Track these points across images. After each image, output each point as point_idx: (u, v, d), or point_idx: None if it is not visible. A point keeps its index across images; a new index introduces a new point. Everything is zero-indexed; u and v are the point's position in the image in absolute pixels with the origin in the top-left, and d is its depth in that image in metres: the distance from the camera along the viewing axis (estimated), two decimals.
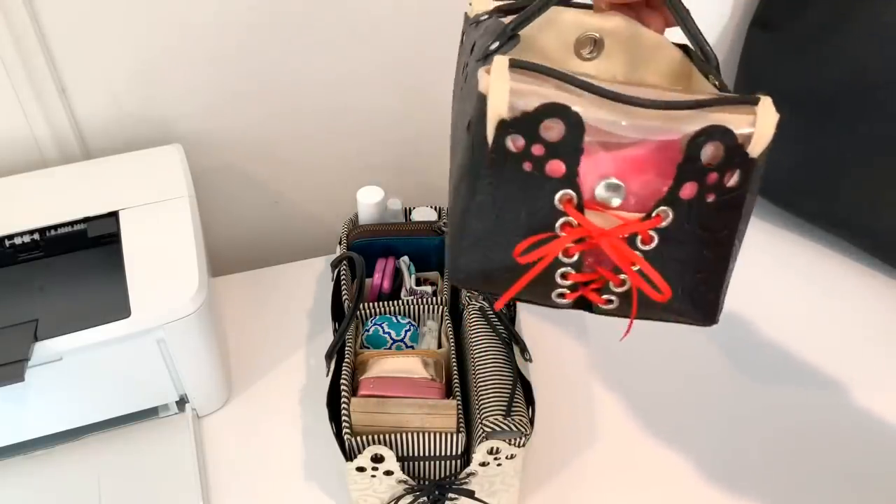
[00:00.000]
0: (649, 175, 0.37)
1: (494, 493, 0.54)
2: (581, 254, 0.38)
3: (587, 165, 0.36)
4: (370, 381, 0.53)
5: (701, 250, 0.38)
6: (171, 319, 0.56)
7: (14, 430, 0.58)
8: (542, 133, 0.36)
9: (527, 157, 0.36)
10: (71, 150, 0.72)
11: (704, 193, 0.36)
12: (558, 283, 0.39)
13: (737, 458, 0.62)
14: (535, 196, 0.37)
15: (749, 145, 0.35)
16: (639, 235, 0.37)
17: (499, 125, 0.35)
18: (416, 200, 0.77)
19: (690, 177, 0.36)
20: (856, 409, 0.65)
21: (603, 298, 0.39)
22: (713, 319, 0.40)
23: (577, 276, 0.39)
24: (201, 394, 0.63)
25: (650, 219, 0.37)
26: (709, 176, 0.36)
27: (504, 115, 0.35)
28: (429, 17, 0.75)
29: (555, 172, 0.36)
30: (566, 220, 0.37)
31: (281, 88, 0.76)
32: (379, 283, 0.64)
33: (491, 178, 0.37)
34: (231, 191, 0.82)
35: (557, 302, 0.40)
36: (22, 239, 0.62)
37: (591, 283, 0.39)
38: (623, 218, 0.37)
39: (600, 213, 0.37)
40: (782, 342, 0.71)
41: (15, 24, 0.63)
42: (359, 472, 0.51)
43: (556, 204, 0.37)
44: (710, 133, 0.35)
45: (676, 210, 0.37)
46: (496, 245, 0.38)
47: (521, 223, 0.38)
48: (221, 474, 0.61)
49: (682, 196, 0.36)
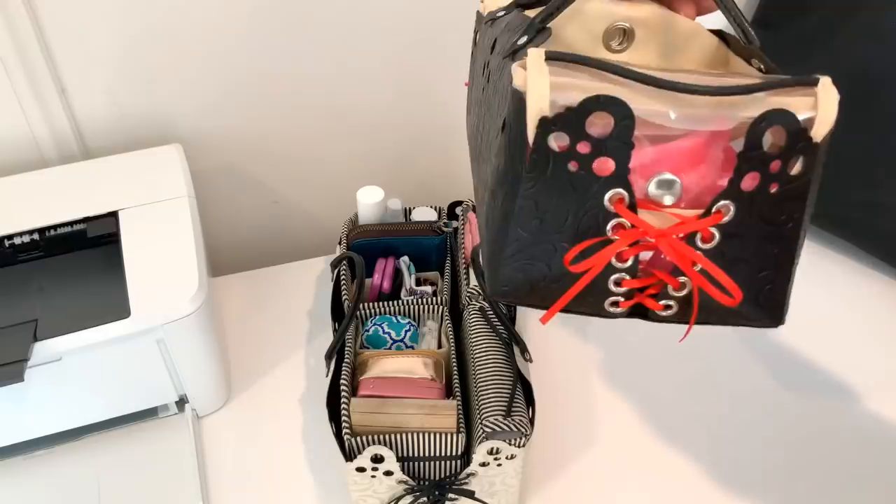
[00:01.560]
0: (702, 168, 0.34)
1: (494, 493, 0.54)
2: (636, 257, 0.35)
3: (637, 161, 0.34)
4: (370, 382, 0.53)
5: (765, 246, 0.35)
6: (171, 319, 0.56)
7: (14, 430, 0.58)
8: (588, 129, 0.33)
9: (572, 157, 0.33)
10: (70, 150, 0.72)
11: (768, 184, 0.33)
12: (612, 291, 0.36)
13: (737, 459, 0.62)
14: (582, 198, 0.34)
15: (812, 129, 0.32)
16: (698, 234, 0.34)
17: (540, 123, 0.33)
18: (416, 200, 0.76)
19: (752, 166, 0.33)
20: (856, 409, 0.65)
21: (661, 304, 0.37)
22: (780, 320, 0.37)
23: (632, 281, 0.36)
24: (201, 394, 0.63)
25: (710, 215, 0.34)
26: (771, 164, 0.33)
27: (546, 111, 0.32)
28: (430, 16, 0.75)
29: (603, 171, 0.34)
30: (618, 222, 0.34)
31: (281, 88, 0.76)
32: (379, 283, 0.64)
33: (533, 181, 0.34)
34: (231, 191, 0.82)
35: (611, 311, 0.37)
36: (21, 239, 0.62)
37: (647, 288, 0.36)
38: (680, 216, 0.34)
39: (654, 211, 0.34)
40: (782, 342, 0.71)
41: (15, 25, 0.63)
42: (359, 473, 0.51)
43: (606, 205, 0.34)
44: (771, 118, 0.32)
45: (738, 204, 0.34)
46: (542, 253, 0.35)
47: (569, 228, 0.35)
48: (221, 474, 0.61)
49: (743, 188, 0.33)
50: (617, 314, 0.37)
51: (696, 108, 0.33)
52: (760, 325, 0.37)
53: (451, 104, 0.82)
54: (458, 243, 0.66)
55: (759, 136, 0.32)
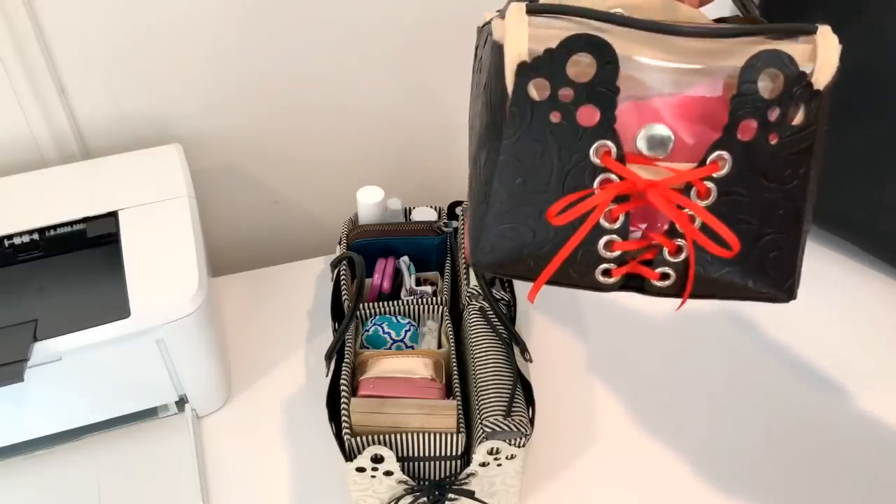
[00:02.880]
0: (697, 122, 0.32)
1: (494, 493, 0.54)
2: (626, 216, 0.32)
3: (625, 112, 0.31)
4: (370, 382, 0.53)
5: (769, 206, 0.32)
6: (171, 319, 0.56)
7: (14, 430, 0.58)
8: (570, 73, 0.31)
9: (554, 105, 0.31)
10: (70, 150, 0.72)
11: (766, 134, 0.31)
12: (602, 257, 0.33)
13: (737, 458, 0.62)
14: (567, 151, 0.32)
15: (812, 76, 0.31)
16: (694, 188, 0.32)
17: (518, 69, 0.31)
18: (416, 200, 0.77)
19: (747, 112, 0.31)
20: (856, 409, 0.65)
21: (657, 272, 0.34)
22: (791, 293, 0.34)
23: (624, 244, 0.33)
24: (201, 394, 0.63)
25: (704, 166, 0.31)
26: (769, 112, 0.31)
27: (524, 56, 0.31)
28: (430, 16, 0.75)
29: (588, 120, 0.31)
30: (605, 176, 0.32)
31: (281, 88, 0.76)
32: (379, 283, 0.64)
33: (514, 135, 0.32)
34: (231, 191, 0.82)
35: (602, 282, 0.34)
36: (21, 239, 0.62)
37: (640, 252, 0.33)
38: (672, 169, 0.32)
39: (645, 166, 0.32)
40: (782, 342, 0.71)
41: (15, 25, 0.63)
42: (359, 473, 0.51)
43: (592, 158, 0.32)
44: (766, 58, 0.30)
45: (735, 155, 0.31)
46: (526, 216, 0.33)
47: (554, 185, 0.32)
48: (221, 474, 0.61)
49: (739, 137, 0.31)
50: (609, 285, 0.34)
51: (686, 56, 0.31)
52: (768, 297, 0.34)
53: (452, 104, 0.82)
54: (458, 243, 0.66)
55: (754, 78, 0.30)
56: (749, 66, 0.30)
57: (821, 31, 0.31)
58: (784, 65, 0.30)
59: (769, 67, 0.30)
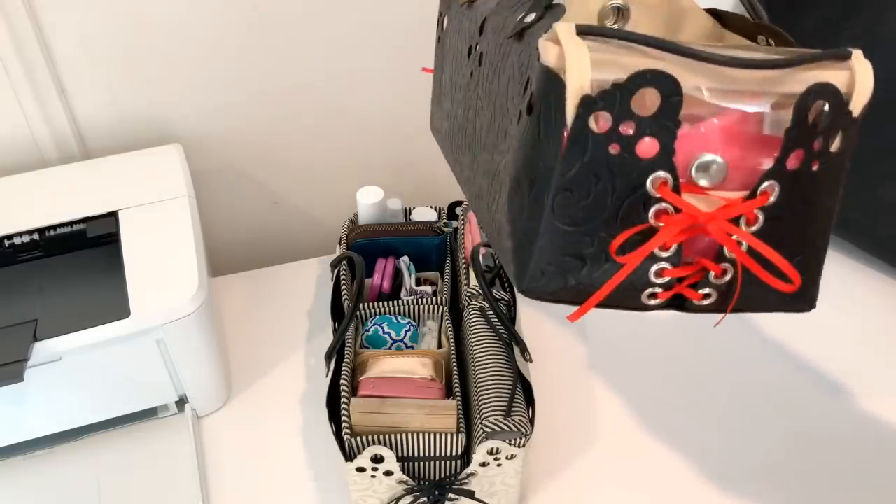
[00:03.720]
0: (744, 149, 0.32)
1: (494, 493, 0.54)
2: (679, 245, 0.33)
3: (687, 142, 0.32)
4: (370, 382, 0.53)
5: (802, 227, 0.33)
6: (171, 319, 0.56)
7: (14, 430, 0.58)
8: (634, 106, 0.30)
9: (614, 138, 0.31)
10: (70, 151, 0.72)
11: (810, 162, 0.32)
12: (651, 282, 0.34)
13: (737, 458, 0.62)
14: (623, 182, 0.32)
15: (850, 103, 0.31)
16: (743, 217, 0.32)
17: (582, 102, 0.30)
18: (416, 200, 0.77)
19: (798, 144, 0.31)
20: (856, 409, 0.65)
21: (700, 294, 0.34)
22: (813, 304, 0.36)
23: (674, 270, 0.33)
24: (201, 394, 0.63)
25: (756, 196, 0.32)
26: (815, 142, 0.31)
27: (587, 90, 0.30)
28: (429, 17, 0.75)
29: (647, 152, 0.31)
30: (661, 208, 0.32)
31: (280, 88, 0.76)
32: (379, 283, 0.64)
33: (570, 167, 0.31)
34: (231, 191, 0.82)
35: (647, 304, 0.35)
36: (21, 239, 0.62)
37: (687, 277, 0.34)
38: (725, 199, 0.32)
39: (698, 195, 0.32)
40: (782, 342, 0.71)
41: (15, 25, 0.63)
42: (359, 473, 0.51)
43: (649, 189, 0.32)
44: (818, 91, 0.30)
45: (783, 184, 0.32)
46: (578, 245, 0.33)
47: (608, 216, 0.32)
48: (221, 474, 0.61)
49: (788, 167, 0.32)
50: (653, 307, 0.35)
51: (736, 84, 0.31)
52: (795, 309, 0.36)
53: None
54: (458, 243, 0.66)
55: (806, 112, 0.31)
56: (804, 98, 0.31)
57: (855, 56, 0.32)
58: (833, 96, 0.31)
59: (820, 99, 0.31)
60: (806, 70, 0.31)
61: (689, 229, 0.32)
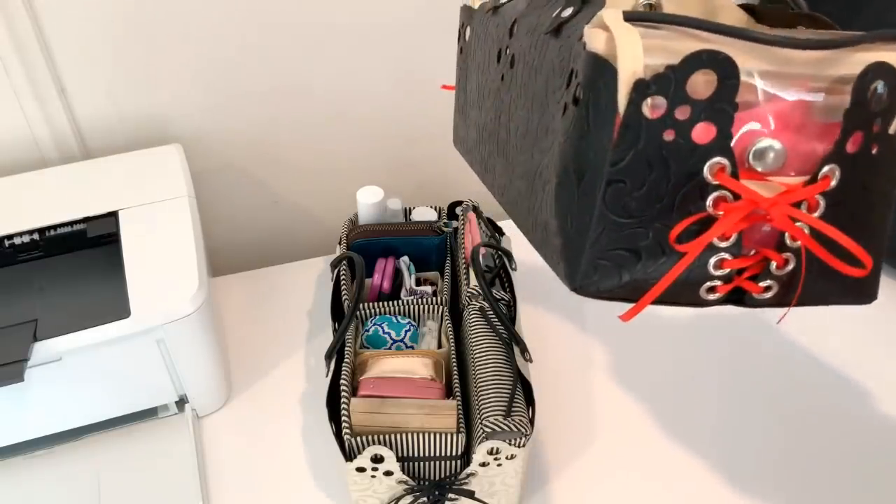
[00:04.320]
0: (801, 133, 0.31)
1: (494, 493, 0.54)
2: (739, 234, 0.32)
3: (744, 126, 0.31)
4: (370, 382, 0.53)
5: (865, 213, 0.32)
6: (171, 319, 0.56)
7: (14, 430, 0.58)
8: (689, 90, 0.30)
9: (668, 124, 0.30)
10: (70, 150, 0.72)
11: (869, 145, 0.31)
12: (711, 275, 0.32)
13: (737, 458, 0.62)
14: (680, 170, 0.31)
15: None
16: (804, 203, 0.31)
17: (635, 87, 0.29)
18: (416, 200, 0.77)
19: (858, 125, 0.30)
20: (855, 408, 0.65)
21: (761, 286, 0.33)
22: (874, 295, 0.34)
23: (734, 261, 0.32)
24: (201, 394, 0.63)
25: (818, 181, 0.31)
26: (874, 124, 0.31)
27: (640, 74, 0.29)
28: (429, 16, 0.75)
29: (703, 138, 0.30)
30: (720, 195, 0.31)
31: (280, 88, 0.76)
32: (379, 283, 0.64)
33: (625, 157, 0.30)
34: (231, 191, 0.82)
35: (706, 299, 0.33)
36: (22, 239, 0.62)
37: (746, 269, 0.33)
38: (785, 184, 0.31)
39: (758, 181, 0.31)
40: (782, 342, 0.71)
41: (15, 25, 0.63)
42: (359, 473, 0.51)
43: (706, 176, 0.31)
44: (876, 71, 0.30)
45: (843, 168, 0.31)
46: (633, 238, 0.32)
47: (665, 206, 0.31)
48: (221, 474, 0.61)
49: (848, 150, 0.31)
50: (712, 302, 0.33)
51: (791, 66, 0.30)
52: (854, 301, 0.34)
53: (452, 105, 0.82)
54: (458, 243, 0.66)
55: (866, 92, 0.30)
56: (862, 79, 0.30)
57: None
58: (890, 76, 0.30)
59: (878, 79, 0.30)
60: (858, 51, 0.30)
61: (751, 216, 0.31)
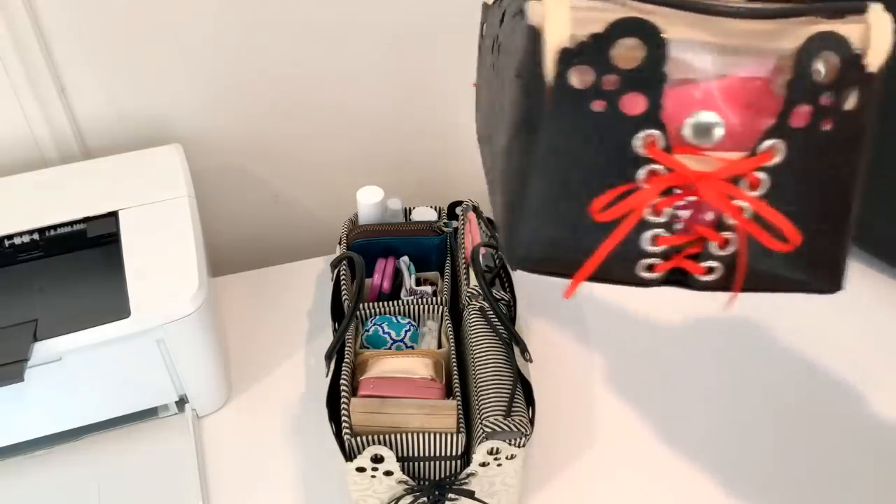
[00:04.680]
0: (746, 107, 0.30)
1: (494, 493, 0.54)
2: (672, 209, 0.31)
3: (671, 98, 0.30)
4: (370, 382, 0.53)
5: (819, 196, 0.31)
6: (171, 319, 0.56)
7: (14, 430, 0.58)
8: (615, 59, 0.29)
9: (597, 94, 0.30)
10: (70, 150, 0.72)
11: (820, 120, 0.30)
12: (646, 251, 0.32)
13: (737, 458, 0.62)
14: (610, 141, 0.30)
15: (865, 58, 0.29)
16: (744, 178, 0.30)
17: (560, 55, 0.29)
18: (416, 200, 0.76)
19: (802, 97, 0.29)
20: (855, 409, 0.65)
21: (702, 267, 0.32)
22: (838, 284, 0.33)
23: (670, 238, 0.32)
24: (201, 394, 0.63)
25: (757, 155, 0.30)
26: (822, 97, 0.30)
27: (566, 42, 0.29)
28: (430, 15, 0.75)
29: (633, 108, 0.30)
30: (651, 168, 0.30)
31: (281, 88, 0.76)
32: (379, 283, 0.64)
33: (553, 127, 0.30)
34: (231, 191, 0.82)
35: (645, 277, 0.32)
36: (22, 239, 0.62)
37: (686, 247, 0.32)
38: (723, 159, 0.30)
39: (693, 155, 0.30)
40: (783, 343, 0.71)
41: (15, 25, 0.63)
42: (359, 473, 0.51)
43: (637, 148, 0.30)
44: (821, 40, 0.29)
45: (789, 143, 0.30)
46: (566, 211, 0.31)
47: (596, 177, 0.30)
48: (221, 474, 0.61)
49: (793, 124, 0.30)
50: (652, 281, 0.33)
51: (733, 37, 0.29)
52: (816, 289, 0.33)
53: (452, 104, 0.82)
54: (458, 243, 0.66)
55: (808, 62, 0.29)
56: (805, 49, 0.29)
57: (872, 8, 0.29)
58: (840, 47, 0.29)
59: (824, 50, 0.29)
60: (813, 24, 0.29)
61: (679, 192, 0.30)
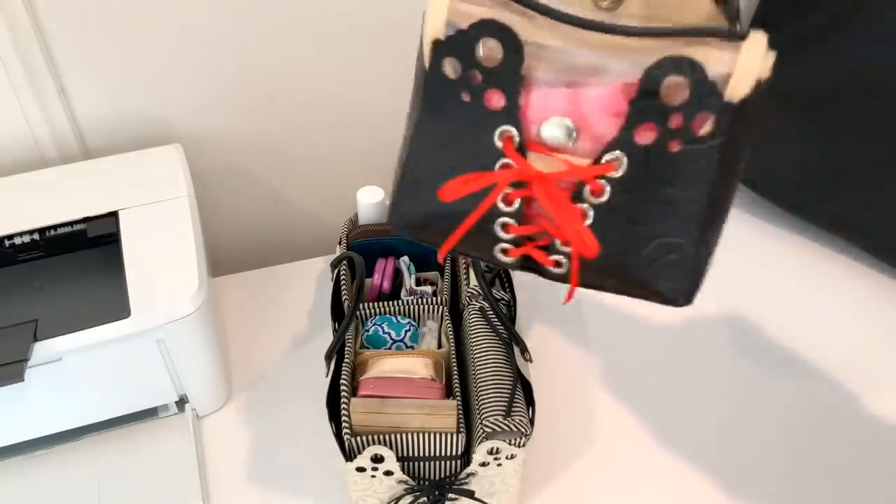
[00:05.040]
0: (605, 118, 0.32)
1: (494, 493, 0.54)
2: (522, 202, 0.33)
3: (537, 100, 0.32)
4: (370, 382, 0.53)
5: (666, 212, 0.32)
6: (171, 319, 0.56)
7: (14, 430, 0.58)
8: (480, 56, 0.31)
9: (465, 86, 0.32)
10: (70, 150, 0.72)
11: (666, 140, 0.31)
12: (499, 236, 0.34)
13: (737, 459, 0.62)
14: (475, 131, 0.33)
15: (727, 87, 0.29)
16: (587, 185, 0.32)
17: (434, 46, 0.32)
18: None
19: (646, 116, 0.31)
20: (856, 409, 0.65)
21: (550, 259, 0.34)
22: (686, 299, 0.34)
23: (518, 228, 0.34)
24: (201, 394, 0.63)
25: (599, 164, 0.32)
26: (671, 118, 0.30)
27: (439, 34, 0.31)
28: None
29: (495, 104, 0.32)
30: (505, 161, 0.32)
31: (281, 88, 0.76)
32: (379, 283, 0.64)
33: (429, 111, 0.33)
34: (231, 191, 0.82)
35: (501, 259, 0.35)
36: (22, 239, 0.62)
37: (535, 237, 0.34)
38: (568, 162, 0.32)
39: (543, 155, 0.32)
40: (783, 343, 0.71)
41: (15, 25, 0.63)
42: (359, 473, 0.51)
43: (495, 142, 0.32)
44: (670, 64, 0.29)
45: (632, 157, 0.31)
46: (435, 188, 0.34)
47: (461, 163, 0.33)
48: (221, 474, 0.61)
49: (637, 141, 0.31)
50: (507, 263, 0.35)
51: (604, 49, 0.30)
52: (662, 300, 0.34)
53: None
54: None
55: (656, 83, 0.30)
56: (651, 71, 0.30)
57: (751, 39, 0.29)
58: (689, 72, 0.29)
59: (673, 74, 0.29)
60: (688, 45, 0.29)
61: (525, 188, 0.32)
